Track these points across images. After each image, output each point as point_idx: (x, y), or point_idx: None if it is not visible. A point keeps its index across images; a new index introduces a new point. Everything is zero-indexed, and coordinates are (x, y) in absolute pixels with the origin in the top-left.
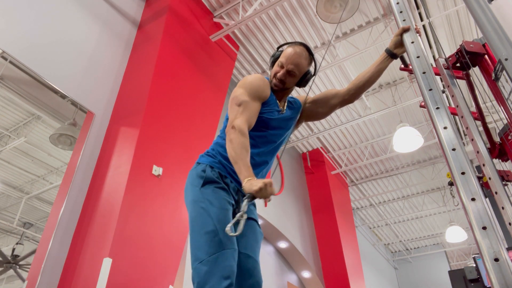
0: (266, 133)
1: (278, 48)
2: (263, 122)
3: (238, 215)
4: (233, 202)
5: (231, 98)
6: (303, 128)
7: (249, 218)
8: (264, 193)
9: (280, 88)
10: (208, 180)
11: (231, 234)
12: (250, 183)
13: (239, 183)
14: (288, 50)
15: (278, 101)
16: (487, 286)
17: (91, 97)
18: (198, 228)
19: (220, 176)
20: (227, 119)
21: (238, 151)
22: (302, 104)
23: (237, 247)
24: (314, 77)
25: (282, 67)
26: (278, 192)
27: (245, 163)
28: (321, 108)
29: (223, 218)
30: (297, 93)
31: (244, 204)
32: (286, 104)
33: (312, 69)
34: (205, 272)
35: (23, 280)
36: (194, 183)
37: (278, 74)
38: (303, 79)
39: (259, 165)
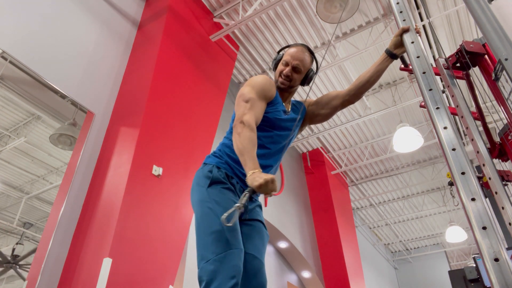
0: (273, 133)
1: (278, 52)
2: (269, 122)
3: (234, 206)
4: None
5: (238, 95)
6: None
7: (255, 220)
8: (264, 189)
9: (287, 86)
10: (215, 181)
11: (226, 224)
12: (253, 176)
13: (245, 184)
14: (291, 49)
15: (283, 102)
16: (487, 286)
17: (91, 97)
18: (205, 228)
19: (226, 177)
20: (233, 119)
21: (245, 144)
22: (306, 107)
23: (244, 248)
24: (316, 75)
25: (287, 65)
26: (278, 192)
27: (251, 156)
28: (323, 110)
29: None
30: (300, 96)
31: (243, 196)
32: (290, 106)
33: (314, 67)
34: (211, 271)
35: (24, 279)
36: (200, 183)
37: (284, 71)
38: (307, 77)
39: (264, 167)
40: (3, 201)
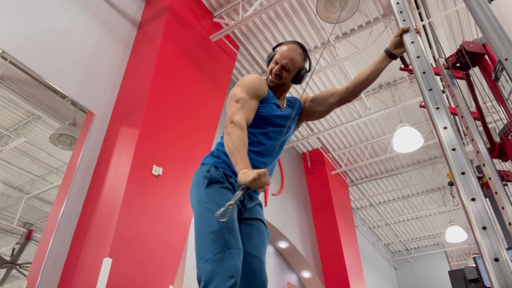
0: (268, 130)
1: (273, 48)
2: (264, 119)
3: (226, 205)
4: (238, 202)
5: (230, 95)
6: (303, 128)
7: (255, 219)
8: (258, 183)
9: (277, 84)
10: (213, 180)
11: (220, 220)
12: (245, 174)
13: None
14: (282, 47)
15: (277, 99)
16: (487, 286)
17: (91, 97)
18: (203, 228)
19: (224, 176)
20: None
21: (236, 144)
22: (302, 103)
23: (244, 247)
24: (310, 73)
25: (277, 63)
26: (278, 192)
27: (242, 155)
28: (319, 107)
29: (229, 218)
30: (297, 92)
31: (235, 196)
32: (285, 102)
33: (307, 65)
34: (210, 271)
35: (25, 276)
36: (199, 183)
37: (274, 70)
38: (298, 75)
39: (260, 164)
40: (3, 201)
